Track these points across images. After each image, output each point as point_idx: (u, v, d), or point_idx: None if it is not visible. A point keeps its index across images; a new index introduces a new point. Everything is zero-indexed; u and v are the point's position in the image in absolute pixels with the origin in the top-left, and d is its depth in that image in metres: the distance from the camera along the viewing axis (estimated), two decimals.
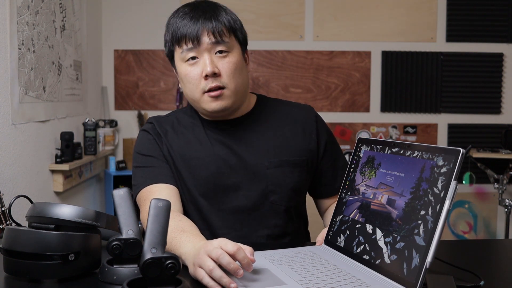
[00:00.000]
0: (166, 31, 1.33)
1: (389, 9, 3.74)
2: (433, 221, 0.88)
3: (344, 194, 1.17)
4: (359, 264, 1.02)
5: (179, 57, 1.30)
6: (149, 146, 1.36)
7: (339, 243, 1.12)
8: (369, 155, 1.13)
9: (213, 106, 1.28)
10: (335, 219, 1.17)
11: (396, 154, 1.05)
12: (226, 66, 1.27)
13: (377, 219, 1.02)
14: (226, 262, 0.90)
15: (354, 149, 1.19)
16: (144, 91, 3.76)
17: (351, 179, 1.17)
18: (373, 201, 1.06)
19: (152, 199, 0.89)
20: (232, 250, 0.92)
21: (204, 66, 1.26)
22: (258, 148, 1.34)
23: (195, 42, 1.26)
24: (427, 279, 0.93)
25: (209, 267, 0.91)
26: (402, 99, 3.77)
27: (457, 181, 0.87)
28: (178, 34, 1.27)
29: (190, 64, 1.28)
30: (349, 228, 1.10)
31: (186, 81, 1.30)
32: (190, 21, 1.26)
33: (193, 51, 1.27)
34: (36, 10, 2.49)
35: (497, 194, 3.56)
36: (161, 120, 1.41)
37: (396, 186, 1.01)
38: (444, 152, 0.92)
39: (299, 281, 0.93)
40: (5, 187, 2.15)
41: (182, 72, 1.30)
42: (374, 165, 1.10)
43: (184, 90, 1.33)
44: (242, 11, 3.65)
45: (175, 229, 1.11)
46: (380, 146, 1.11)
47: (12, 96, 2.24)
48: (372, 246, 1.00)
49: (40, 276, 0.96)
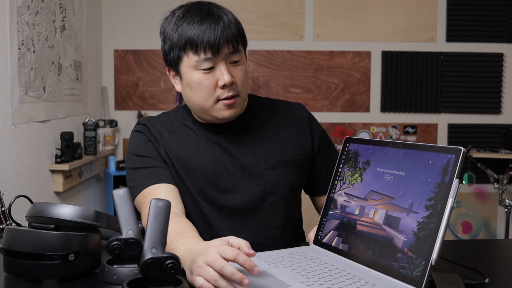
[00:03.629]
0: (171, 33, 1.25)
1: (389, 9, 3.74)
2: (437, 219, 0.87)
3: (332, 194, 1.13)
4: (357, 264, 1.00)
5: (190, 64, 1.24)
6: (144, 146, 1.34)
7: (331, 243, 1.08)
8: (354, 150, 1.00)
9: (226, 114, 1.27)
10: (323, 218, 1.14)
11: (394, 147, 0.95)
12: (239, 74, 1.26)
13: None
14: (229, 273, 0.87)
15: (341, 150, 1.15)
16: (144, 91, 3.76)
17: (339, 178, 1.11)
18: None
19: (152, 199, 0.89)
20: (232, 256, 0.89)
21: (221, 75, 1.22)
22: (254, 149, 1.33)
23: (215, 52, 1.21)
24: (434, 277, 0.92)
25: (213, 277, 0.88)
26: (402, 99, 3.76)
27: (459, 179, 0.88)
28: (195, 41, 1.20)
29: (204, 73, 1.23)
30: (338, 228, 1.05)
31: (198, 89, 1.25)
32: (208, 28, 1.20)
33: (210, 61, 1.22)
34: (36, 10, 2.49)
35: (497, 194, 3.56)
36: (154, 122, 1.38)
37: (399, 194, 0.90)
38: (444, 151, 0.92)
39: (304, 283, 0.91)
40: (5, 187, 2.15)
41: (194, 80, 1.24)
42: (359, 164, 0.98)
43: (191, 97, 1.28)
44: (242, 11, 3.65)
45: (171, 231, 1.09)
46: (371, 145, 1.00)
47: (12, 96, 2.24)
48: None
49: (40, 276, 0.96)
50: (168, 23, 1.27)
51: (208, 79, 1.23)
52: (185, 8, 1.27)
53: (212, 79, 1.23)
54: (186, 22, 1.23)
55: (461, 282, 0.91)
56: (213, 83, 1.23)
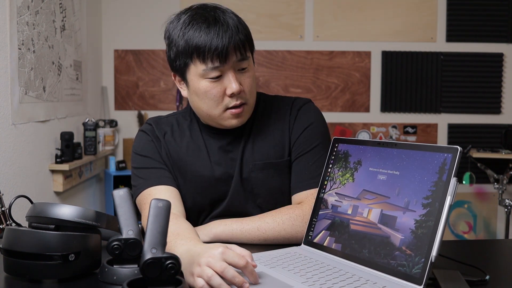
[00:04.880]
0: (177, 40, 1.22)
1: (389, 9, 3.74)
2: (435, 216, 0.87)
3: (322, 194, 1.12)
4: (352, 263, 0.98)
5: (197, 73, 1.21)
6: (147, 147, 1.34)
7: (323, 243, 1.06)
8: (344, 150, 0.97)
9: (233, 123, 1.26)
10: (314, 219, 1.12)
11: (386, 147, 0.92)
12: (247, 81, 1.25)
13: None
14: (231, 276, 0.87)
15: (330, 150, 1.13)
16: (144, 91, 3.76)
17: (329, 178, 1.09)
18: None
19: (152, 199, 0.89)
20: (233, 261, 0.89)
21: (229, 84, 1.20)
22: (247, 151, 1.32)
23: (222, 61, 1.18)
24: (435, 274, 0.92)
25: (207, 275, 0.88)
26: (402, 99, 3.77)
27: (456, 177, 0.88)
28: (202, 49, 1.18)
29: (211, 81, 1.21)
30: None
31: (205, 97, 1.23)
32: (216, 36, 1.17)
33: (218, 70, 1.19)
34: (36, 10, 2.49)
35: (497, 194, 3.56)
36: (161, 122, 1.38)
37: (394, 193, 0.89)
38: (441, 151, 0.92)
39: (304, 283, 0.91)
40: (5, 187, 2.15)
41: (201, 88, 1.22)
42: (350, 165, 0.96)
43: (198, 104, 1.26)
44: (242, 11, 3.65)
45: (170, 233, 1.09)
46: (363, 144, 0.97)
47: (12, 96, 2.24)
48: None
49: (40, 276, 0.96)
50: (174, 28, 1.24)
51: (215, 87, 1.21)
52: (191, 13, 1.23)
53: (220, 87, 1.22)
54: (192, 29, 1.20)
55: (463, 279, 0.92)
56: (221, 91, 1.22)
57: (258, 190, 1.31)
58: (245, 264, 0.89)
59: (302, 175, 1.30)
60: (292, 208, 1.24)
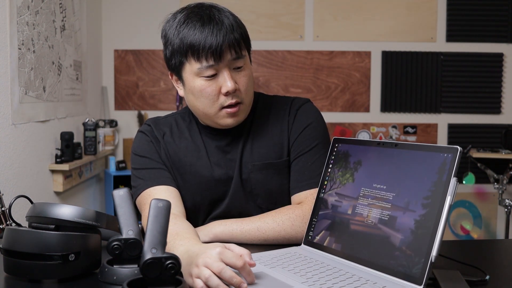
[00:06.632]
0: (172, 39, 1.22)
1: (389, 9, 3.74)
2: (435, 216, 0.87)
3: (322, 194, 1.11)
4: (353, 263, 0.98)
5: (192, 71, 1.22)
6: (146, 148, 1.34)
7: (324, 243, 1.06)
8: (344, 150, 0.97)
9: (229, 122, 1.26)
10: (314, 219, 1.12)
11: (386, 147, 0.92)
12: (242, 80, 1.24)
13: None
14: (228, 277, 0.86)
15: (330, 150, 1.12)
16: (144, 91, 3.76)
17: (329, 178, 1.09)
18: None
19: (152, 199, 0.89)
20: (231, 262, 0.88)
21: (224, 82, 1.20)
22: (246, 152, 1.32)
23: (217, 59, 1.18)
24: (435, 274, 0.92)
25: (205, 275, 0.87)
26: (402, 99, 3.77)
27: (456, 177, 0.88)
28: (196, 48, 1.18)
29: (206, 80, 1.21)
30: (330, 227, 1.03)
31: (200, 96, 1.23)
32: (210, 34, 1.17)
33: (213, 68, 1.19)
34: (36, 10, 2.49)
35: (497, 194, 3.56)
36: (159, 122, 1.38)
37: (394, 194, 0.89)
38: (441, 151, 0.92)
39: (304, 283, 0.90)
40: (5, 187, 2.15)
41: (196, 87, 1.22)
42: (350, 165, 0.96)
43: (194, 103, 1.26)
44: (242, 11, 3.65)
45: (169, 233, 1.09)
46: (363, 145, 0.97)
47: (12, 96, 2.24)
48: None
49: (40, 276, 0.96)
50: (170, 27, 1.25)
51: (210, 86, 1.21)
52: (186, 12, 1.24)
53: (215, 86, 1.21)
54: (187, 27, 1.20)
55: (463, 279, 0.92)
56: (216, 90, 1.22)
57: (258, 190, 1.31)
58: (243, 264, 0.88)
59: (302, 175, 1.30)
60: (292, 208, 1.24)
